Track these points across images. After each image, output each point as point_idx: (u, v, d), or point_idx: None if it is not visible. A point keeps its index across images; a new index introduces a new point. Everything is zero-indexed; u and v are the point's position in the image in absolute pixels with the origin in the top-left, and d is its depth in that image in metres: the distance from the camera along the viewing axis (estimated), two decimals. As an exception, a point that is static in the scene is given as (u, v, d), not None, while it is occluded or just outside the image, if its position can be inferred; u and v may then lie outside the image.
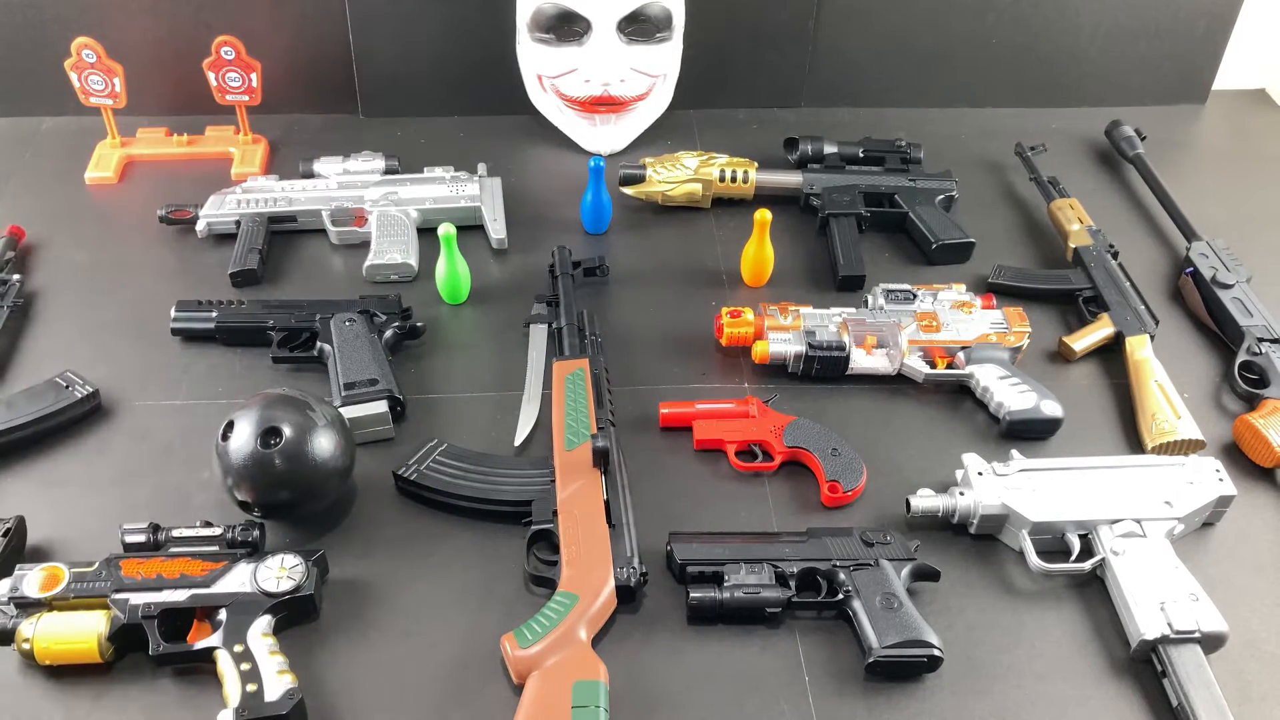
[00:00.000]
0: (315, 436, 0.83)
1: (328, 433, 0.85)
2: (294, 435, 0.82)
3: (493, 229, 1.19)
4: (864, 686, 0.80)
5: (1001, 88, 1.45)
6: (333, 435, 0.85)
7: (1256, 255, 1.18)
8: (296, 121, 1.37)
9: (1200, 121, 1.48)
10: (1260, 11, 1.44)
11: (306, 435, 0.83)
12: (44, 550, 0.87)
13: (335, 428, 0.86)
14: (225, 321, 1.05)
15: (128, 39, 1.27)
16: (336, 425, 0.87)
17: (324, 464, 0.84)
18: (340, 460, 0.86)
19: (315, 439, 0.83)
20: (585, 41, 1.27)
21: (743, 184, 1.24)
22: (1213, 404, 1.05)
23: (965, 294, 1.09)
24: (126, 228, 1.20)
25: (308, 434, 0.83)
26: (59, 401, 0.95)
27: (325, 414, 0.86)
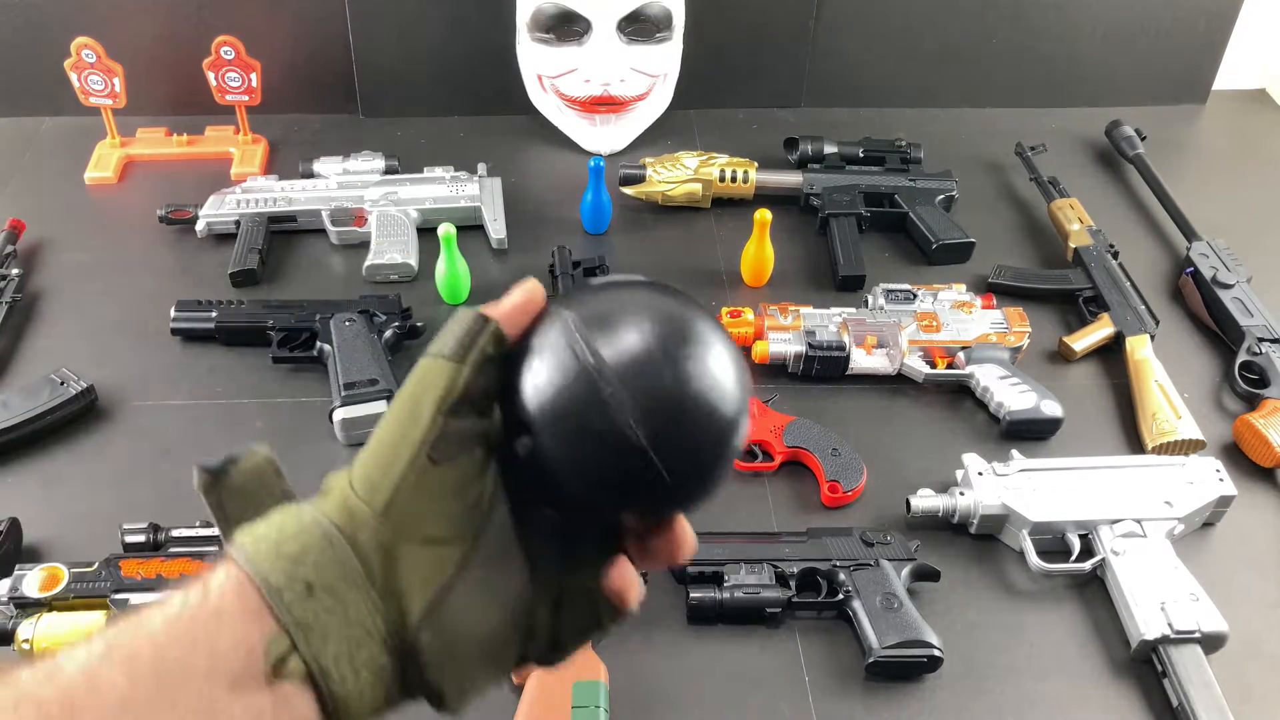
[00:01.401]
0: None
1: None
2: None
3: (492, 229, 1.19)
4: (864, 686, 0.80)
5: (1002, 88, 1.45)
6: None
7: (1257, 255, 1.18)
8: (296, 121, 1.37)
9: (1201, 121, 1.48)
10: (1261, 11, 1.44)
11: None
12: (43, 550, 0.86)
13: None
14: (225, 321, 1.04)
15: (127, 39, 1.27)
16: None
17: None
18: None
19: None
20: (585, 41, 1.27)
21: (743, 184, 1.24)
22: (1213, 404, 1.05)
23: (965, 294, 1.09)
24: (126, 228, 1.20)
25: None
26: (54, 399, 0.95)
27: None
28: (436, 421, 0.36)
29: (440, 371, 0.37)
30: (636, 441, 0.34)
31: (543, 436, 0.36)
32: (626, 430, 0.34)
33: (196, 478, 0.36)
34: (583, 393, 0.35)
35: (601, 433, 0.35)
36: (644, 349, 0.35)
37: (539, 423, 0.36)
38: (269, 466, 0.39)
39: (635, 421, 0.34)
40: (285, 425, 0.98)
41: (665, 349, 0.35)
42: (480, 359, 0.37)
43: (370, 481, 0.36)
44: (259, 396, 1.01)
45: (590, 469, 0.36)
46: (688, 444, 0.35)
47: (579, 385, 0.35)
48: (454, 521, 0.36)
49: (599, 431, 0.35)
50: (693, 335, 0.36)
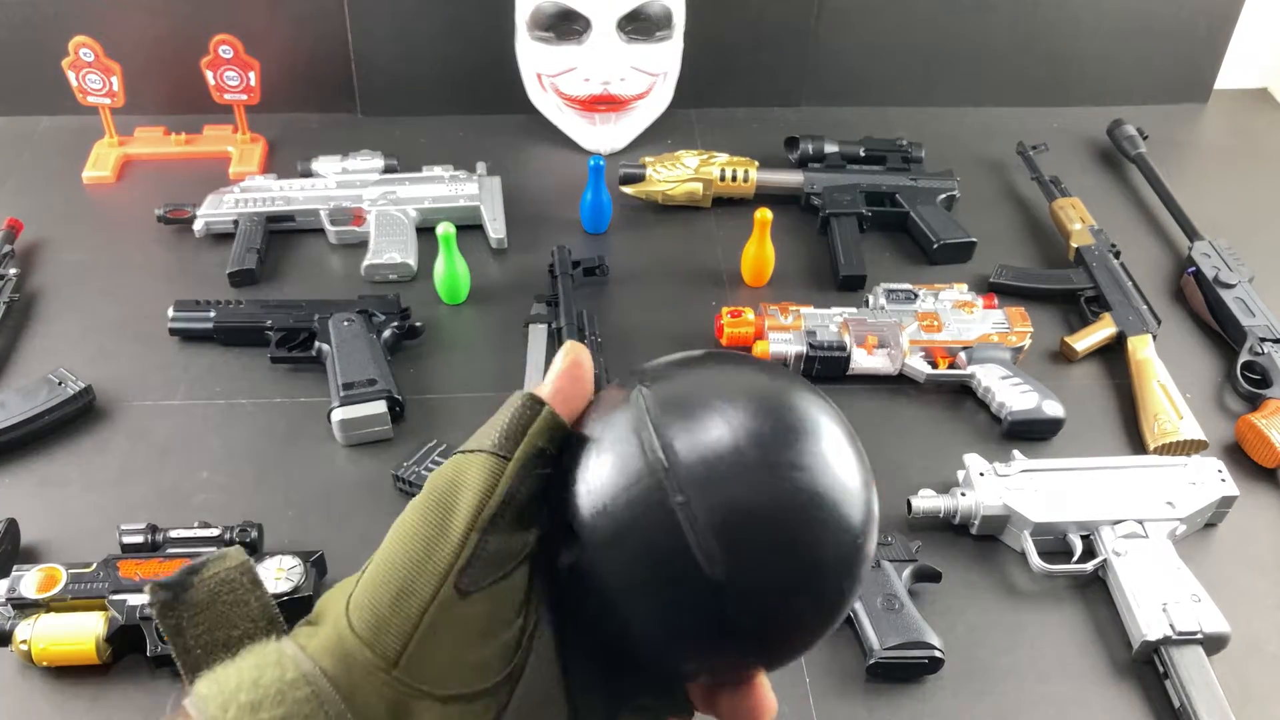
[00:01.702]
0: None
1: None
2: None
3: (492, 228, 1.18)
4: (865, 688, 0.80)
5: (1003, 87, 1.44)
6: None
7: (1259, 255, 1.17)
8: (295, 120, 1.36)
9: (1202, 121, 1.47)
10: (1262, 11, 1.44)
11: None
12: (41, 551, 0.86)
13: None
14: (223, 321, 1.04)
15: (126, 38, 1.27)
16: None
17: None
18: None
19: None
20: (585, 40, 1.26)
21: (743, 183, 1.24)
22: (1215, 404, 1.05)
23: (967, 294, 1.09)
24: (124, 227, 1.20)
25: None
26: (52, 399, 0.95)
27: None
28: (470, 540, 0.28)
29: (479, 470, 0.29)
30: (709, 573, 0.26)
31: (592, 550, 0.28)
32: (697, 554, 0.26)
33: (150, 596, 0.29)
34: (645, 498, 0.27)
35: (664, 556, 0.26)
36: (732, 445, 0.27)
37: (588, 532, 0.28)
38: (242, 575, 0.30)
39: (709, 544, 0.26)
40: (283, 425, 0.98)
41: (762, 447, 0.27)
42: (530, 455, 0.30)
43: (377, 619, 0.28)
44: (257, 396, 1.01)
45: (647, 602, 0.27)
46: (781, 582, 0.27)
47: (642, 487, 0.27)
48: (484, 670, 0.28)
49: (662, 553, 0.26)
50: (803, 430, 0.28)
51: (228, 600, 0.30)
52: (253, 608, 0.30)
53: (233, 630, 0.29)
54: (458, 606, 0.28)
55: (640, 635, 0.29)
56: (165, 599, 0.29)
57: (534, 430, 0.30)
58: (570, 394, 0.32)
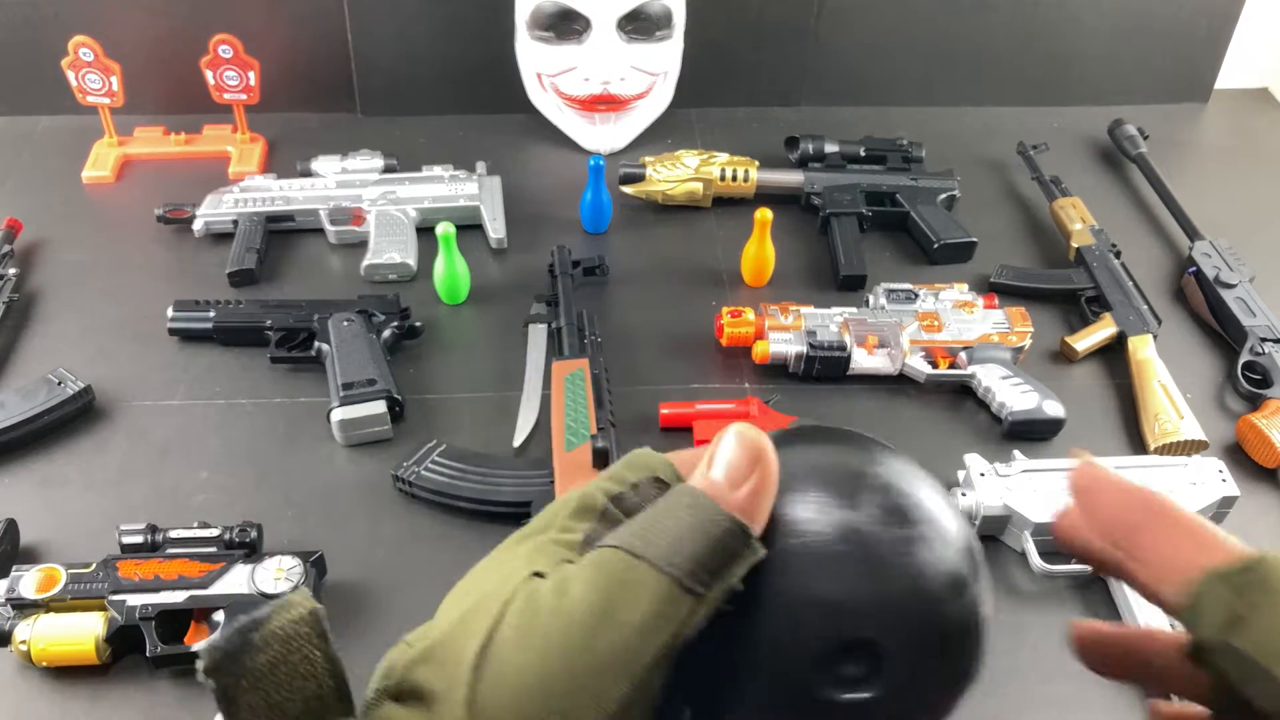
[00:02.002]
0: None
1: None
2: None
3: (491, 228, 1.18)
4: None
5: (1003, 86, 1.44)
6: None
7: (1260, 255, 1.17)
8: (294, 120, 1.36)
9: (1203, 120, 1.47)
10: (1263, 10, 1.44)
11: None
12: (40, 551, 0.86)
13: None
14: (223, 321, 1.04)
15: (125, 38, 1.27)
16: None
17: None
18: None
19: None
20: (585, 39, 1.26)
21: (743, 183, 1.24)
22: (1216, 404, 1.04)
23: (967, 294, 1.09)
24: (124, 227, 1.20)
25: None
26: (51, 399, 0.95)
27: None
28: (642, 679, 0.24)
29: (664, 602, 0.24)
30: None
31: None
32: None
33: (204, 660, 0.24)
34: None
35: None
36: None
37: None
38: (310, 629, 0.25)
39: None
40: (283, 426, 0.98)
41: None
42: (725, 595, 0.25)
43: None
44: (257, 396, 1.00)
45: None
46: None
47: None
48: None
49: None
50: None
51: (294, 660, 0.25)
52: (319, 666, 0.25)
53: (294, 695, 0.25)
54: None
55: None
56: (219, 661, 0.24)
57: (736, 571, 0.26)
58: (765, 515, 0.27)
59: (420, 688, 0.25)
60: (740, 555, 0.25)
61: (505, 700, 0.24)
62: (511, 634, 0.24)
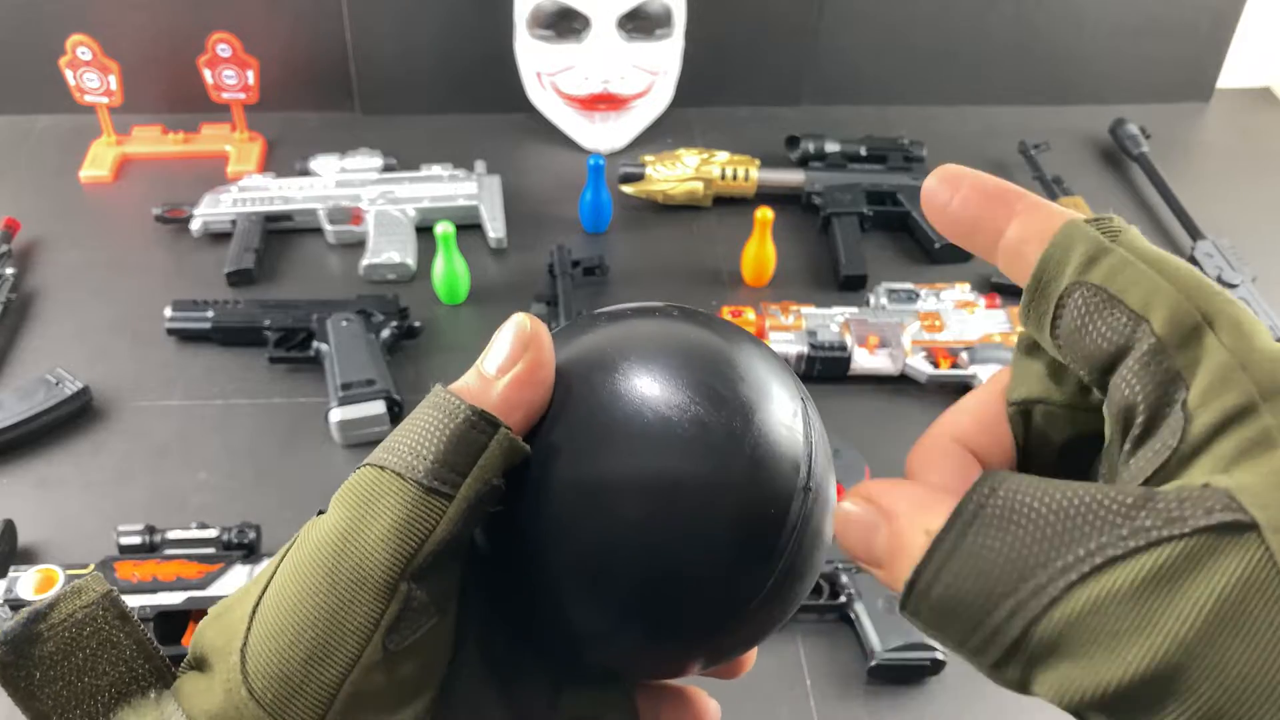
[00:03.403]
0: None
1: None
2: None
3: (491, 228, 1.18)
4: (866, 690, 0.79)
5: (1004, 85, 1.44)
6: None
7: (1261, 254, 1.17)
8: (293, 119, 1.36)
9: (1204, 120, 1.47)
10: (1264, 10, 1.43)
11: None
12: (38, 552, 0.86)
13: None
14: (221, 321, 1.04)
15: (123, 36, 1.26)
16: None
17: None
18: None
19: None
20: (585, 38, 1.26)
21: (744, 182, 1.23)
22: (1218, 404, 1.04)
23: (969, 293, 1.08)
24: (122, 226, 1.19)
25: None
26: (49, 399, 0.95)
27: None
28: (399, 592, 0.23)
29: (406, 508, 0.23)
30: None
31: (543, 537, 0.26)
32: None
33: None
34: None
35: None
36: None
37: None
38: (105, 612, 0.24)
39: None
40: (281, 426, 0.97)
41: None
42: (480, 494, 0.24)
43: (286, 685, 0.23)
44: (255, 397, 1.00)
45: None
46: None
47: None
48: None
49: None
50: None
51: (90, 645, 0.23)
52: (123, 648, 0.24)
53: (100, 680, 0.24)
54: (384, 668, 0.23)
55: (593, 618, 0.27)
56: (5, 658, 0.22)
57: (485, 464, 0.24)
58: (531, 405, 0.25)
59: (208, 648, 0.24)
60: (488, 448, 0.24)
61: (268, 642, 0.23)
62: (280, 575, 0.24)
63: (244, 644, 0.23)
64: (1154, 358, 0.22)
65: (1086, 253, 0.23)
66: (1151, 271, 0.22)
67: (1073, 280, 0.23)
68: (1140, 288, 0.22)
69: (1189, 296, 0.22)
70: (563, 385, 0.26)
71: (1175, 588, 0.19)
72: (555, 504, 0.25)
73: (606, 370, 0.26)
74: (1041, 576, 0.20)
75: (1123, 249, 0.23)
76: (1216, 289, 0.22)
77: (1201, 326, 0.21)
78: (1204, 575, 0.19)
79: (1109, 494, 0.20)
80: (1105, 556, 0.19)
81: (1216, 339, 0.21)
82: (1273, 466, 0.20)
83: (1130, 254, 0.23)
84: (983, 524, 0.21)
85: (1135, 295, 0.22)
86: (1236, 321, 0.21)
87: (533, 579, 0.26)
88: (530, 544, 0.26)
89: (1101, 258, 0.23)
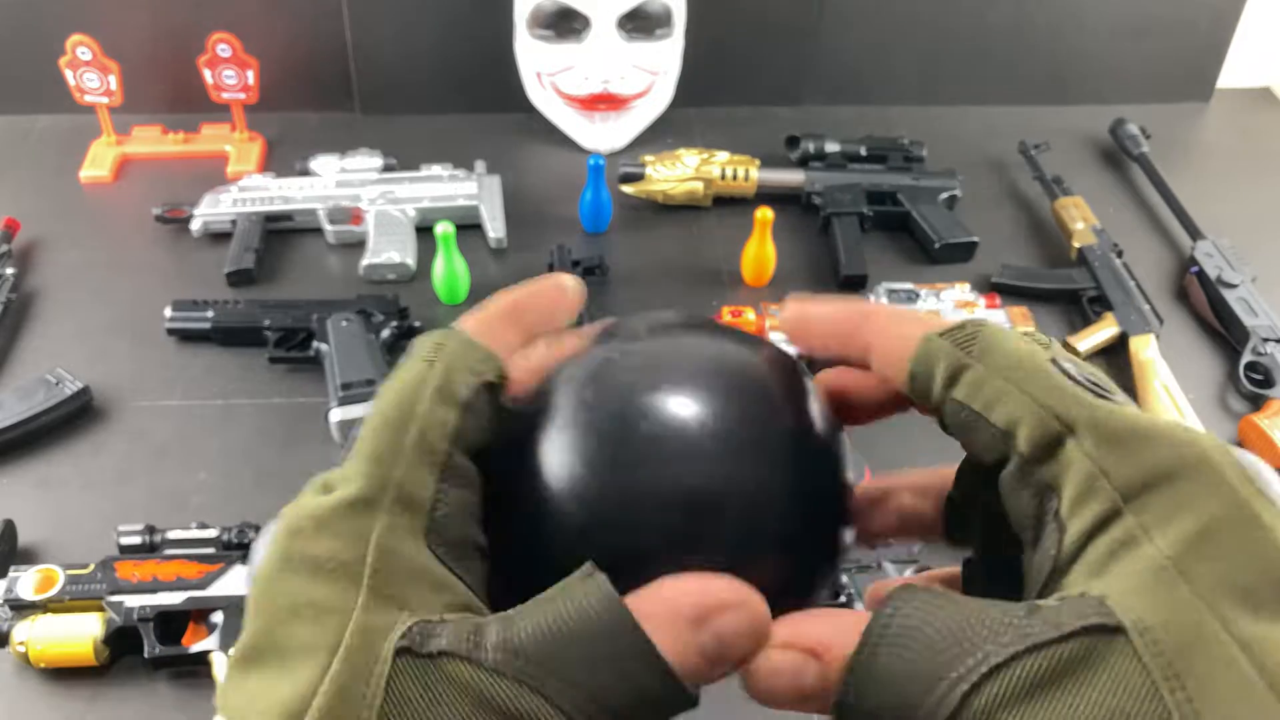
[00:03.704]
0: None
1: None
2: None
3: (491, 228, 1.18)
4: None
5: (1005, 85, 1.44)
6: None
7: (1262, 254, 1.17)
8: (293, 119, 1.36)
9: (1205, 120, 1.47)
10: (1265, 9, 1.43)
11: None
12: (38, 552, 0.86)
13: None
14: (221, 321, 1.04)
15: (123, 36, 1.26)
16: None
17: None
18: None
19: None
20: (585, 38, 1.26)
21: (744, 182, 1.23)
22: (1218, 405, 1.04)
23: (969, 293, 1.08)
24: (122, 226, 1.19)
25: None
26: (49, 399, 0.95)
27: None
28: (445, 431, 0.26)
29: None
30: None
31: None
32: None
33: None
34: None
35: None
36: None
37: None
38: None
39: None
40: (281, 426, 0.97)
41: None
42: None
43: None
44: (255, 397, 1.00)
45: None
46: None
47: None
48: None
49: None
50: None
51: None
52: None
53: None
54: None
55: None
56: None
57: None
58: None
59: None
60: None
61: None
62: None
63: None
64: (1024, 472, 0.24)
65: (947, 369, 0.25)
66: (1009, 385, 0.24)
67: (939, 398, 0.25)
68: (1003, 405, 0.24)
69: (1047, 407, 0.23)
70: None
71: (1054, 690, 0.20)
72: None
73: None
74: (941, 688, 0.21)
75: (979, 364, 0.25)
76: (1072, 392, 0.24)
77: (1062, 436, 0.23)
78: (1080, 676, 0.20)
79: (999, 608, 0.22)
80: (990, 664, 0.21)
81: (1079, 447, 0.23)
82: (1137, 567, 0.21)
83: (986, 367, 0.25)
84: (889, 646, 0.22)
85: (999, 412, 0.24)
86: (1094, 424, 0.23)
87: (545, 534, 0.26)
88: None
89: (961, 374, 0.25)
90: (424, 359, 0.26)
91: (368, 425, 0.26)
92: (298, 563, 0.23)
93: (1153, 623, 0.20)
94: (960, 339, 0.25)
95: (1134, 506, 0.22)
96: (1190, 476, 0.22)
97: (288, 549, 0.24)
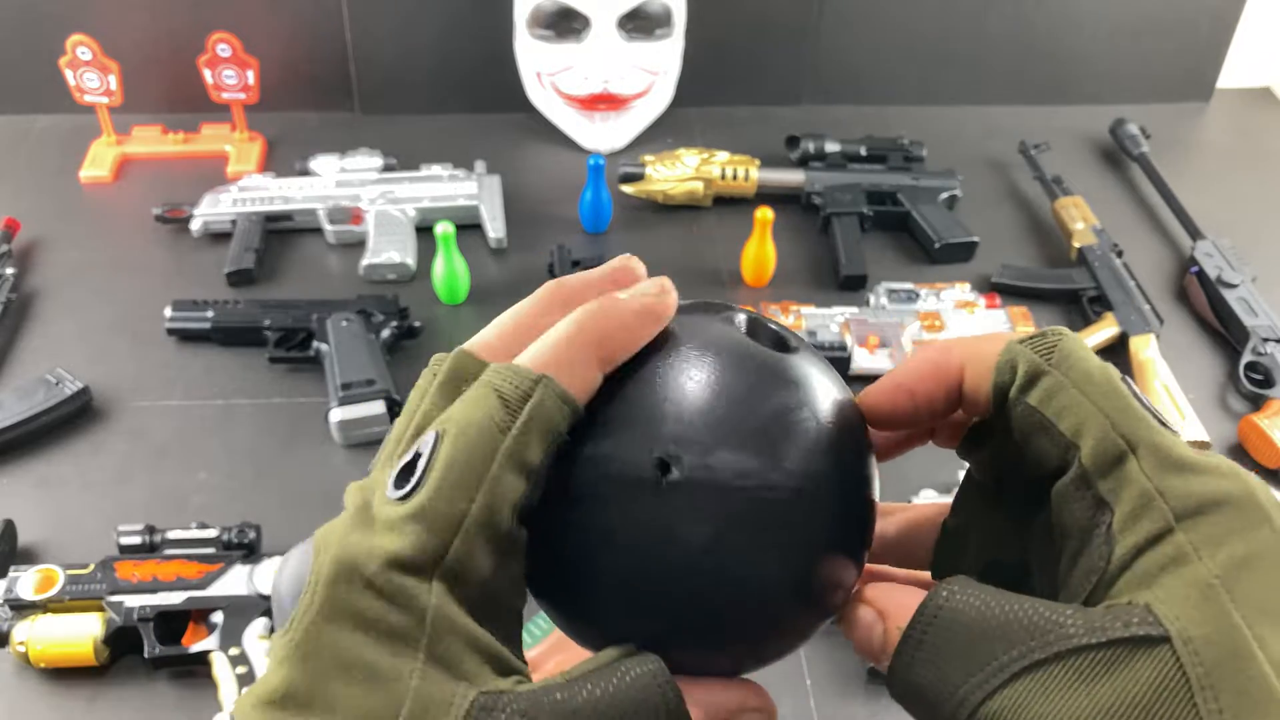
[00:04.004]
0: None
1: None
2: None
3: (491, 228, 1.18)
4: (866, 689, 0.79)
5: (1004, 85, 1.44)
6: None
7: (1262, 254, 1.17)
8: (293, 119, 1.36)
9: (1204, 120, 1.47)
10: (1264, 9, 1.43)
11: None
12: (38, 552, 0.86)
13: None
14: (221, 321, 1.04)
15: (123, 36, 1.26)
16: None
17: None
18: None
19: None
20: (585, 38, 1.26)
21: (744, 182, 1.23)
22: (1218, 405, 1.04)
23: (969, 293, 1.08)
24: (122, 226, 1.19)
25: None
26: (49, 399, 0.95)
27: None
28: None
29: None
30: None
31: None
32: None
33: None
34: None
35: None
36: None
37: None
38: None
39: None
40: (281, 426, 0.97)
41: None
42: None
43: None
44: (255, 397, 1.00)
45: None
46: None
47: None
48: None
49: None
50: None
51: None
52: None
53: None
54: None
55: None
56: None
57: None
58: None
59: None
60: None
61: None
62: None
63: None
64: (1082, 484, 0.25)
65: (1026, 373, 0.27)
66: (1082, 397, 0.25)
67: (1014, 398, 0.27)
68: (1072, 414, 0.25)
69: (1115, 423, 0.25)
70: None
71: (1090, 689, 0.22)
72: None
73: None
74: (981, 674, 0.23)
75: (1057, 371, 0.26)
76: (1139, 414, 0.25)
77: (1125, 455, 0.24)
78: (1118, 679, 0.22)
79: (1050, 607, 0.23)
80: (1032, 659, 0.23)
81: (1138, 466, 0.24)
82: (1186, 580, 0.23)
83: (1065, 376, 0.26)
84: (938, 627, 0.24)
85: (1067, 421, 0.25)
86: (1155, 447, 0.24)
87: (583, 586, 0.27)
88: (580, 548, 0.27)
89: (1039, 379, 0.26)
90: (500, 398, 0.25)
91: (435, 471, 0.25)
92: (346, 616, 0.23)
93: (1195, 635, 0.22)
94: (1040, 346, 0.27)
95: (1185, 526, 0.23)
96: (1239, 506, 0.23)
97: (335, 597, 0.23)
